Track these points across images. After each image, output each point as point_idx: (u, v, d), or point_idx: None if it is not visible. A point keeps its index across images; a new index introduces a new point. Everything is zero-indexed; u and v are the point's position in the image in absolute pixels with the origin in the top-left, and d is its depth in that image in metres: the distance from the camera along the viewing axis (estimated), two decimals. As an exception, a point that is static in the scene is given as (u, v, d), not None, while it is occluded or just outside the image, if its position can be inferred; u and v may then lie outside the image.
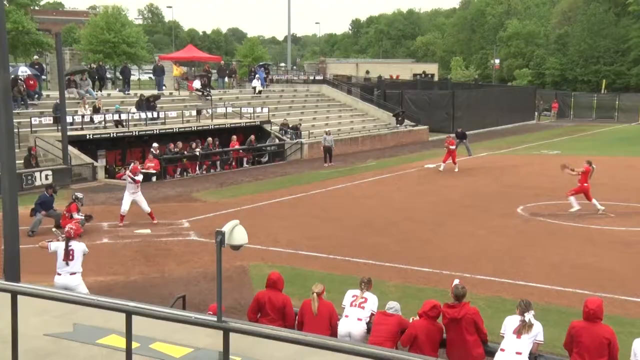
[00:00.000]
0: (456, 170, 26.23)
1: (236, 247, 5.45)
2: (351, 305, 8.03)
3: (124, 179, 17.19)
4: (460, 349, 7.38)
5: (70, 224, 10.36)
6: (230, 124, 30.98)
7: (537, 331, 7.08)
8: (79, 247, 9.68)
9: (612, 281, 11.89)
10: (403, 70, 73.30)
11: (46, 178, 21.85)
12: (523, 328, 7.01)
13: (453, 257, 13.76)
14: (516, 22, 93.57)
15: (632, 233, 15.68)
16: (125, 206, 16.55)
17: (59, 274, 9.57)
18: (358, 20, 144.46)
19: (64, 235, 9.86)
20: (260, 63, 47.30)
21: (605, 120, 54.14)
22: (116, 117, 27.02)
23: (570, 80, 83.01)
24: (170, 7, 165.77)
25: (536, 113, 57.55)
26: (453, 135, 29.31)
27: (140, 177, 17.01)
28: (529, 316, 7.01)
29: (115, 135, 26.15)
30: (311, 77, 48.00)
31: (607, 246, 14.51)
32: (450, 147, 26.62)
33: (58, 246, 9.65)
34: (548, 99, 61.77)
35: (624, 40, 79.56)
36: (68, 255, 9.53)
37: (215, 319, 5.36)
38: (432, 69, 77.75)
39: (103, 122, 26.64)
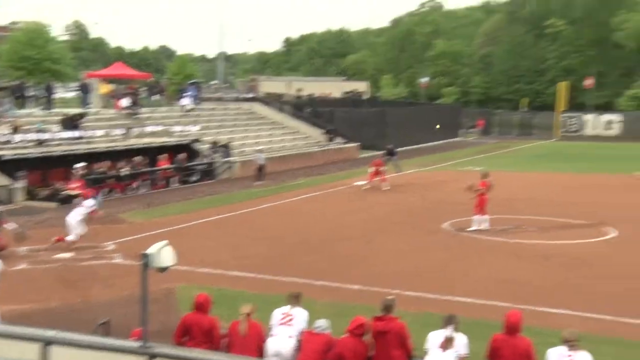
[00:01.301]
0: (386, 188, 26.60)
1: (163, 269, 5.37)
2: (280, 323, 8.01)
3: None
4: None
5: None
6: (159, 142, 30.46)
7: (461, 344, 7.27)
8: None
9: (532, 294, 12.32)
10: (334, 88, 74.09)
11: (-39, 200, 20.88)
12: (447, 342, 7.18)
13: (383, 273, 13.95)
14: (443, 42, 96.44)
15: (550, 246, 16.32)
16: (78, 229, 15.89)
17: None
18: (290, 38, 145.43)
19: None
20: (191, 81, 46.83)
21: (525, 137, 56.34)
22: (38, 136, 26.10)
23: (494, 98, 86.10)
24: (97, 23, 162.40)
25: (462, 130, 59.30)
26: (382, 156, 29.75)
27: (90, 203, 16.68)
28: (450, 330, 7.20)
29: (36, 155, 25.22)
30: (242, 95, 47.91)
31: (528, 260, 15.03)
32: (379, 168, 27.00)
33: None
34: (473, 116, 63.81)
35: (542, 61, 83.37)
36: None
37: (141, 344, 5.25)
38: (362, 87, 78.93)
39: (23, 142, 25.65)
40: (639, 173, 30.59)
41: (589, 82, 71.21)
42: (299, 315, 8.06)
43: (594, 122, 54.90)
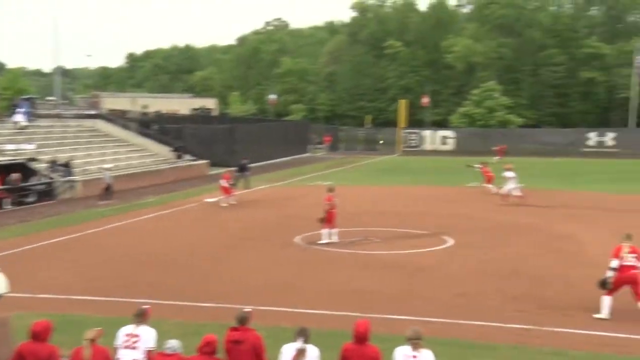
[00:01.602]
0: (231, 203, 26.62)
1: (-5, 298, 4.96)
2: (124, 347, 7.68)
3: None
4: None
5: None
6: (-11, 161, 28.20)
7: (313, 356, 7.40)
8: None
9: (378, 302, 12.88)
10: (182, 104, 73.06)
11: None
12: (298, 354, 7.29)
13: (235, 290, 13.89)
14: (289, 60, 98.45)
15: (395, 256, 17.15)
16: None
17: None
18: (133, 53, 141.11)
19: None
20: (24, 96, 43.85)
21: (370, 152, 58.90)
22: None
23: (339, 115, 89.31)
24: None
25: (310, 146, 60.79)
26: (231, 169, 29.80)
27: None
28: (301, 342, 7.32)
29: None
30: (84, 112, 45.65)
31: (374, 270, 15.68)
32: (224, 183, 26.99)
33: None
34: (320, 132, 65.67)
35: (383, 80, 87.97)
36: None
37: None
38: (211, 103, 78.55)
39: None
40: (472, 184, 33.10)
41: (425, 100, 76.12)
42: (145, 335, 7.74)
43: (432, 138, 58.61)
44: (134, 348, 7.62)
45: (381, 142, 59.70)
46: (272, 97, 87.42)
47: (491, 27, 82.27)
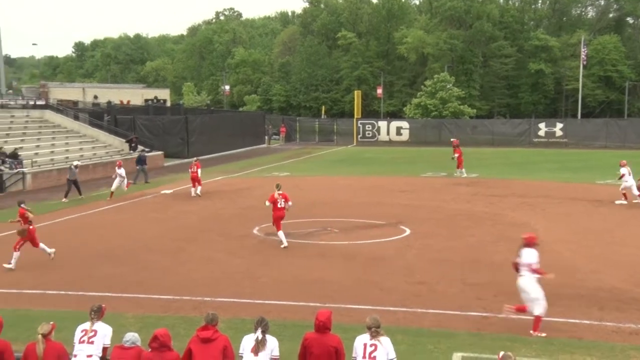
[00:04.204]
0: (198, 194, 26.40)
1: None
2: (80, 342, 7.54)
3: None
4: None
5: None
6: None
7: (273, 346, 7.38)
8: None
9: (338, 292, 12.93)
10: (134, 95, 71.66)
11: None
12: (258, 345, 7.27)
13: (193, 282, 13.75)
14: (242, 50, 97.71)
15: (353, 246, 17.24)
16: None
17: None
18: (82, 43, 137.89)
19: None
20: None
21: (326, 143, 59.00)
22: None
23: (294, 105, 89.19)
24: None
25: (266, 137, 60.51)
26: (199, 158, 29.15)
27: None
28: (258, 333, 7.30)
29: None
30: (31, 102, 44.35)
31: (333, 260, 15.73)
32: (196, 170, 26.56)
33: None
34: (276, 123, 65.40)
35: (337, 71, 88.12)
36: None
37: None
38: (164, 94, 77.24)
39: None
40: (427, 174, 33.52)
41: (379, 91, 76.63)
42: (101, 331, 7.66)
43: (387, 129, 59.00)
44: (91, 343, 7.50)
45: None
46: (226, 87, 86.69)
47: (442, 18, 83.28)
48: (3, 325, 7.48)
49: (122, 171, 26.50)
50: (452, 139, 37.69)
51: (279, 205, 16.91)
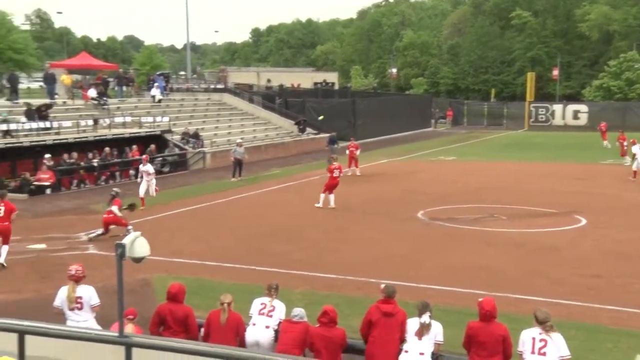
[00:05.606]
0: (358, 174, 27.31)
1: (138, 260, 5.27)
2: (259, 313, 8.00)
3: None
4: (388, 346, 7.38)
5: None
6: (129, 133, 30.09)
7: (437, 331, 7.33)
8: None
9: (505, 281, 12.48)
10: (304, 78, 73.88)
11: None
12: (423, 329, 7.24)
13: (356, 262, 13.99)
14: (411, 33, 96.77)
15: (522, 234, 16.56)
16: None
17: None
18: (258, 29, 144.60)
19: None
20: (159, 71, 46.27)
21: (495, 127, 56.96)
22: (4, 127, 25.56)
23: (462, 89, 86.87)
24: (61, 12, 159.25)
25: (433, 120, 59.69)
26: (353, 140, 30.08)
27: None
28: (425, 317, 7.25)
29: (3, 146, 24.73)
30: (212, 86, 47.49)
31: (500, 248, 15.22)
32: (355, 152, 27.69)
33: None
34: (443, 107, 64.23)
35: (509, 52, 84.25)
36: None
37: (117, 334, 5.17)
38: (332, 77, 78.82)
39: (-11, 133, 25.15)
40: (607, 161, 31.22)
41: (555, 72, 72.28)
42: (278, 307, 8.08)
43: (562, 113, 55.64)
44: (269, 316, 7.94)
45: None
46: (393, 70, 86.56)
47: (632, -9, 76.29)
48: (186, 292, 8.14)
49: (148, 167, 21.39)
50: (601, 123, 35.09)
51: (334, 175, 20.25)
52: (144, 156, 23.19)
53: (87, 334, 5.66)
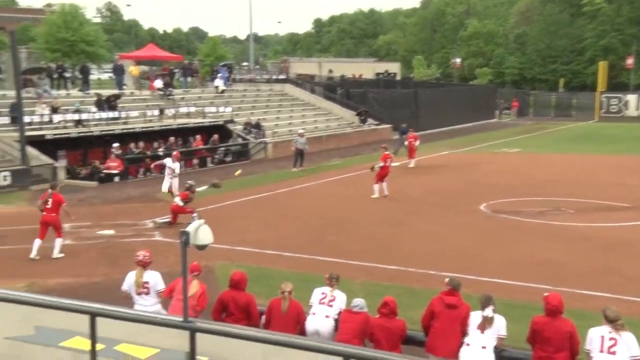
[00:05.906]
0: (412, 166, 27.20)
1: (201, 247, 5.38)
2: (320, 302, 8.05)
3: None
4: (449, 338, 7.35)
5: None
6: (193, 123, 30.71)
7: (500, 326, 7.20)
8: None
9: (572, 276, 12.14)
10: (366, 69, 73.55)
11: (4, 179, 21.48)
12: (486, 323, 7.12)
13: (417, 254, 13.89)
14: (476, 22, 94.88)
15: (590, 229, 16.04)
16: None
17: None
18: (320, 19, 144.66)
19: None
20: (223, 62, 46.96)
21: (563, 118, 55.28)
22: (76, 117, 26.53)
23: (529, 79, 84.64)
24: (130, 5, 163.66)
25: (497, 111, 58.43)
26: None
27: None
28: (489, 311, 7.13)
29: (76, 135, 25.70)
30: (274, 77, 47.88)
31: (566, 242, 14.80)
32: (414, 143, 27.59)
33: None
34: (508, 97, 62.74)
35: (580, 40, 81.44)
36: None
37: (182, 319, 5.30)
38: (394, 67, 78.18)
39: (63, 122, 26.16)
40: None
41: (629, 61, 69.44)
42: (339, 297, 8.12)
43: (637, 103, 53.42)
44: (330, 306, 7.99)
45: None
46: (457, 60, 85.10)
47: None
48: (247, 280, 8.26)
49: (176, 166, 20.58)
50: None
51: (386, 164, 20.60)
52: (174, 152, 21.56)
53: (154, 318, 5.84)
